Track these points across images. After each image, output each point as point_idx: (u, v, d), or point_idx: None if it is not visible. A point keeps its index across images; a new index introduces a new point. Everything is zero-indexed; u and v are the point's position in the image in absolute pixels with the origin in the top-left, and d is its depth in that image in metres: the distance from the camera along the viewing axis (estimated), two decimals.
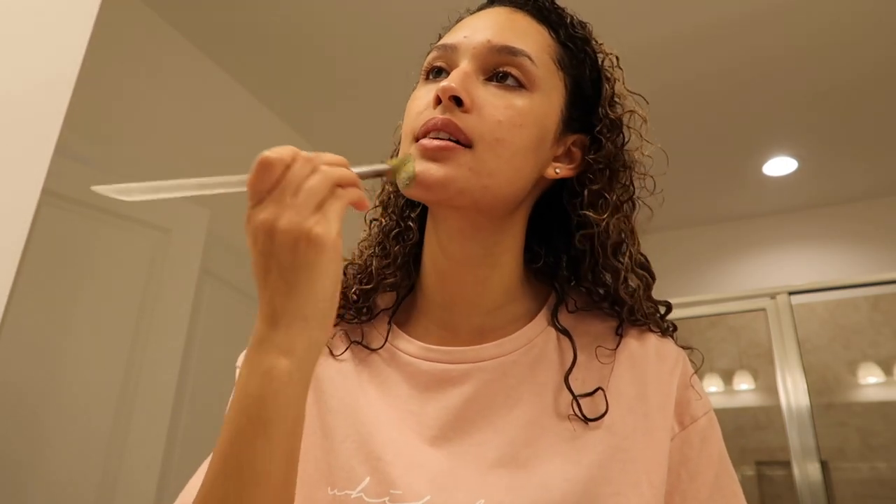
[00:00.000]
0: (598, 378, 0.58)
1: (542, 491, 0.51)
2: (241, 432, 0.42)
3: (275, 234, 0.41)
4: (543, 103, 0.57)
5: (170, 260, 2.05)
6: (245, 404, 0.43)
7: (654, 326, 0.62)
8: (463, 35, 0.58)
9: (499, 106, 0.55)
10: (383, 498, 0.52)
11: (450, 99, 0.54)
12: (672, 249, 3.63)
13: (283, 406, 0.42)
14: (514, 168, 0.55)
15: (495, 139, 0.54)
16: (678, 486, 0.55)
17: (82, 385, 1.81)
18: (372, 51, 2.46)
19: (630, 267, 0.60)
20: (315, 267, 0.42)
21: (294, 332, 0.42)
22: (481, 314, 0.61)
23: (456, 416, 0.56)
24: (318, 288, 0.43)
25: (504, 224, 0.60)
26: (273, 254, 0.42)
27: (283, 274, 0.42)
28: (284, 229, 0.41)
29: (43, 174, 1.24)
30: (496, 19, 0.59)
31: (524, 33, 0.58)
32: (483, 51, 0.57)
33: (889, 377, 3.46)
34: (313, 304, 0.43)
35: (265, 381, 0.42)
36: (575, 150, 0.61)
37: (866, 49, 2.40)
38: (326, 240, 0.42)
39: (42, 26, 1.30)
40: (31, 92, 1.26)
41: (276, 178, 0.42)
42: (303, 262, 0.42)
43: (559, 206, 0.63)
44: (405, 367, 0.60)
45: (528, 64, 0.56)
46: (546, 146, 0.58)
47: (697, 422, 0.58)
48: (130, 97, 2.22)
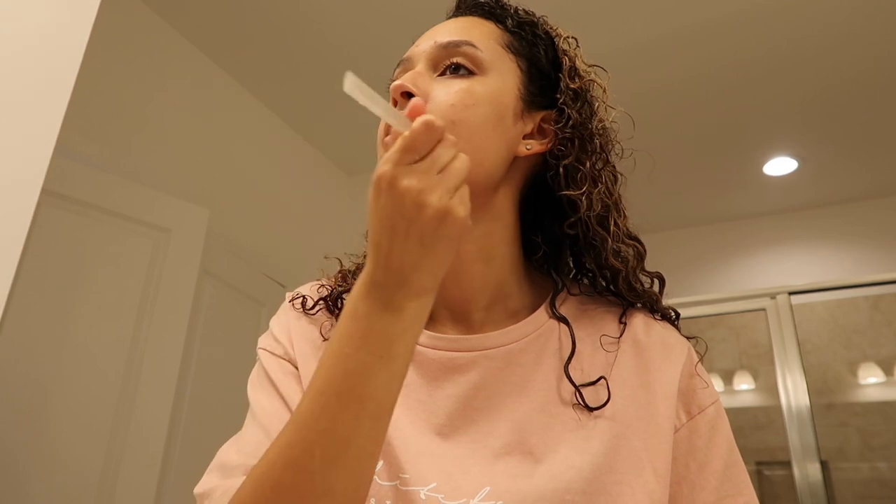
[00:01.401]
0: (602, 367, 0.58)
1: (547, 479, 0.52)
2: (369, 366, 0.44)
3: (425, 205, 0.43)
4: (496, 82, 0.59)
5: (170, 260, 2.05)
6: (372, 340, 0.44)
7: (652, 304, 0.63)
8: (416, 46, 0.63)
9: (449, 91, 0.57)
10: (394, 482, 0.53)
11: (402, 95, 0.57)
12: (672, 249, 3.63)
13: (410, 343, 0.45)
14: (476, 147, 0.56)
15: (451, 121, 0.55)
16: (687, 475, 0.56)
17: (82, 384, 1.81)
18: (372, 51, 2.46)
19: (619, 237, 0.61)
20: (452, 242, 0.44)
21: (423, 283, 0.45)
22: (480, 310, 0.62)
23: (463, 404, 0.57)
24: (447, 260, 0.45)
25: (486, 213, 0.59)
26: (416, 221, 0.43)
27: (423, 241, 0.44)
28: (435, 204, 0.43)
29: (42, 174, 1.24)
30: (444, 27, 0.63)
31: (467, 29, 0.62)
32: (432, 52, 0.60)
33: (889, 377, 3.46)
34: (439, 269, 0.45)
35: (398, 319, 0.44)
36: (546, 126, 0.63)
37: (867, 49, 2.40)
38: (467, 220, 0.44)
39: (42, 26, 1.30)
40: (31, 92, 1.26)
41: (431, 145, 0.44)
42: (443, 235, 0.44)
43: (548, 193, 0.64)
44: (414, 356, 0.61)
45: (473, 51, 0.59)
46: (508, 123, 0.59)
47: (705, 411, 0.58)
48: (130, 97, 2.22)
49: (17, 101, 1.24)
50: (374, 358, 0.44)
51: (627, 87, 2.84)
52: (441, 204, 0.43)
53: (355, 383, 0.44)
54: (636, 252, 0.62)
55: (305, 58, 2.55)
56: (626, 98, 0.66)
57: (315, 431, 0.44)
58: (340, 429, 0.43)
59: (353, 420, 0.43)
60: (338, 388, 0.44)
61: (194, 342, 2.17)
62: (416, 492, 0.52)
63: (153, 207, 2.06)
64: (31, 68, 1.27)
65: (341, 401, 0.44)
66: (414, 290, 0.45)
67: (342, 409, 0.43)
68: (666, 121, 2.85)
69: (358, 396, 0.43)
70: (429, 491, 0.52)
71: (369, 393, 0.43)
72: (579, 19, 2.26)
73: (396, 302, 0.44)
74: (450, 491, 0.52)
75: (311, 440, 0.44)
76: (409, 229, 0.43)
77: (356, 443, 0.44)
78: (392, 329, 0.44)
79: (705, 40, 2.38)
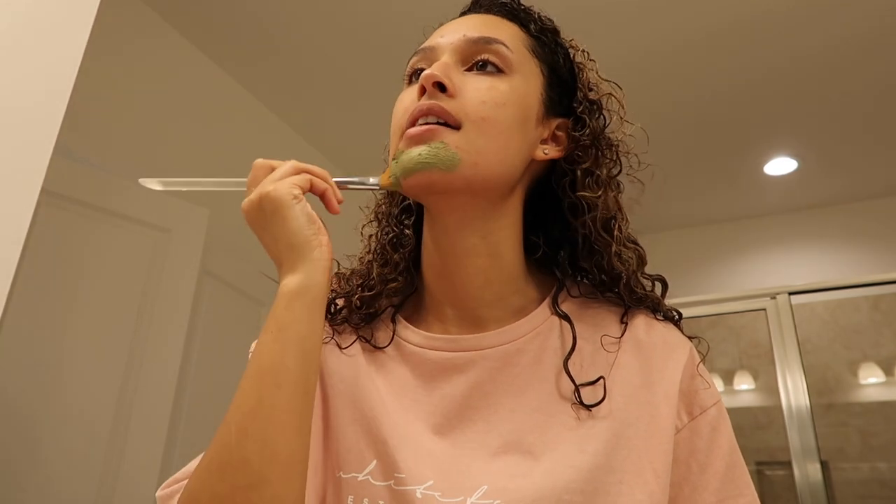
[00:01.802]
0: (603, 366, 0.58)
1: (546, 477, 0.51)
2: (262, 342, 0.51)
3: (245, 206, 0.55)
4: (522, 85, 0.60)
5: (170, 260, 2.05)
6: (267, 322, 0.52)
7: (654, 306, 0.63)
8: (440, 36, 0.62)
9: (481, 88, 0.58)
10: (389, 481, 0.53)
11: (433, 85, 0.57)
12: (672, 249, 3.63)
13: (295, 312, 0.51)
14: (502, 146, 0.57)
15: (481, 118, 0.56)
16: (688, 476, 0.56)
17: (82, 385, 1.81)
18: (373, 51, 2.46)
19: (622, 241, 0.62)
20: (279, 210, 0.53)
21: (290, 257, 0.53)
22: (484, 306, 0.62)
23: (460, 403, 0.57)
24: (290, 222, 0.53)
25: (498, 211, 0.60)
26: (253, 219, 0.55)
27: (266, 229, 0.55)
28: (251, 199, 0.55)
29: (42, 174, 1.24)
30: (469, 21, 0.63)
31: (496, 27, 0.62)
32: (460, 45, 0.60)
33: (889, 377, 3.45)
34: (292, 234, 0.53)
35: (278, 298, 0.52)
36: (560, 133, 0.64)
37: (867, 49, 2.40)
38: (278, 191, 0.53)
39: (42, 26, 1.30)
40: (30, 92, 1.26)
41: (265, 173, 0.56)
42: (269, 210, 0.54)
43: (550, 194, 0.65)
44: (411, 356, 0.61)
45: (504, 50, 0.60)
46: (530, 126, 0.61)
47: (707, 412, 0.58)
48: (130, 97, 2.22)
49: (16, 101, 1.24)
50: (265, 335, 0.51)
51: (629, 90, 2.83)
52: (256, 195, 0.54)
53: (253, 360, 0.51)
54: (638, 256, 0.63)
55: (306, 58, 2.55)
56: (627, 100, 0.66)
57: (231, 410, 0.49)
58: (245, 402, 0.49)
59: (254, 392, 0.49)
60: (246, 369, 0.51)
61: (194, 342, 2.17)
62: (413, 491, 0.52)
63: (153, 207, 2.06)
64: (31, 68, 1.27)
65: (246, 378, 0.50)
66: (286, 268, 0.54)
67: (246, 384, 0.50)
68: (666, 121, 2.85)
69: (255, 370, 0.50)
70: (425, 489, 0.52)
71: (265, 365, 0.50)
72: (580, 21, 2.26)
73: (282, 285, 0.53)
74: (446, 489, 0.52)
75: (228, 418, 0.49)
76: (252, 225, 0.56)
77: (261, 413, 0.48)
78: (276, 305, 0.52)
79: (706, 42, 2.38)
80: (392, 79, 0.71)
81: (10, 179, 1.19)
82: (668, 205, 3.49)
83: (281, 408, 0.48)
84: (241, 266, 2.51)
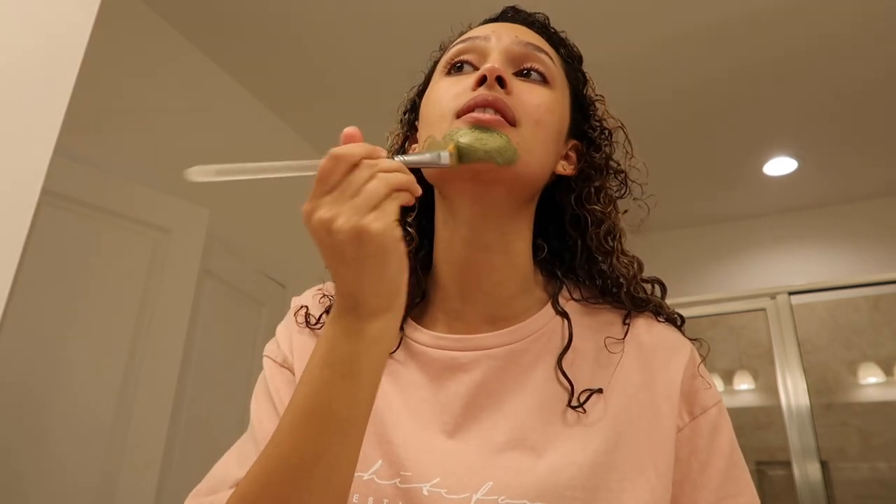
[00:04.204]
0: (607, 366, 0.59)
1: (549, 474, 0.52)
2: (331, 385, 0.46)
3: (334, 231, 0.44)
4: (560, 99, 0.63)
5: (170, 260, 2.05)
6: (333, 362, 0.46)
7: (657, 310, 0.64)
8: (490, 30, 0.64)
9: (533, 91, 0.60)
10: (394, 479, 0.54)
11: (496, 79, 0.57)
12: (672, 249, 3.63)
13: (372, 361, 0.47)
14: (547, 151, 0.60)
15: (535, 120, 0.58)
16: (689, 475, 0.56)
17: (82, 385, 1.81)
18: (372, 51, 2.46)
19: (621, 250, 0.65)
20: (378, 256, 0.45)
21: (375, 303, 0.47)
22: (496, 303, 0.62)
23: (466, 401, 0.58)
24: (387, 270, 0.46)
25: (521, 211, 0.62)
26: (335, 248, 0.45)
27: (349, 265, 0.46)
28: (341, 228, 0.44)
29: (43, 174, 1.24)
30: (515, 27, 0.65)
31: (539, 40, 0.64)
32: (512, 47, 0.62)
33: (889, 377, 3.46)
34: (385, 282, 0.47)
35: (355, 341, 0.46)
36: (572, 154, 0.67)
37: (867, 50, 2.40)
38: (385, 233, 0.45)
39: (42, 26, 1.30)
40: (31, 92, 1.26)
41: (342, 173, 0.45)
42: (366, 254, 0.45)
43: (551, 205, 0.68)
44: (418, 356, 0.62)
45: (549, 61, 0.62)
46: (562, 140, 0.64)
47: (707, 412, 0.59)
48: (130, 97, 2.22)
49: (17, 101, 1.24)
50: (336, 377, 0.46)
51: (629, 89, 2.85)
52: (349, 226, 0.44)
53: (320, 402, 0.46)
54: (637, 263, 0.65)
55: (306, 58, 2.55)
56: (627, 99, 0.66)
57: (287, 449, 0.46)
58: (309, 446, 0.46)
59: (320, 437, 0.46)
60: (305, 407, 0.47)
61: (194, 342, 2.17)
62: (419, 488, 0.53)
63: (153, 207, 2.06)
64: (32, 68, 1.27)
65: (309, 419, 0.46)
66: (367, 312, 0.46)
67: (309, 427, 0.46)
68: (666, 121, 2.85)
69: (323, 415, 0.46)
70: (431, 487, 0.53)
71: (334, 411, 0.46)
72: (581, 22, 2.26)
73: (354, 324, 0.46)
74: (452, 486, 0.53)
75: (283, 457, 0.46)
76: (336, 256, 0.46)
77: (325, 460, 0.46)
78: (352, 350, 0.46)
79: (706, 43, 2.38)
80: (394, 78, 0.72)
81: (10, 179, 1.19)
82: (668, 205, 3.49)
83: (345, 457, 0.47)
84: (241, 266, 2.51)
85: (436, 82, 0.63)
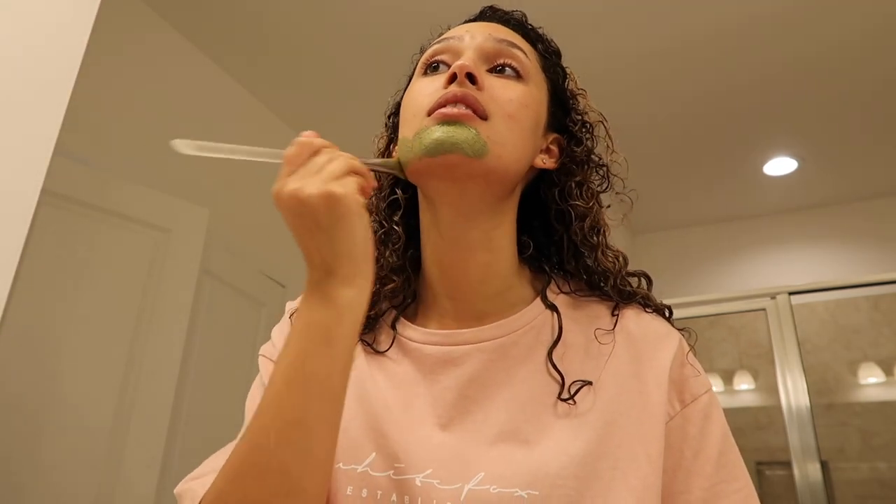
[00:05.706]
0: (597, 357, 0.60)
1: (540, 465, 0.53)
2: (308, 352, 0.49)
3: (305, 197, 0.48)
4: (536, 94, 0.64)
5: (170, 260, 2.05)
6: (310, 330, 0.49)
7: (644, 301, 0.65)
8: (465, 32, 0.65)
9: (506, 87, 0.61)
10: (388, 472, 0.55)
11: (465, 75, 0.58)
12: (672, 249, 3.63)
13: (346, 327, 0.49)
14: (521, 145, 0.60)
15: (507, 114, 0.59)
16: (682, 462, 0.57)
17: (82, 385, 1.81)
18: (372, 51, 2.46)
19: (605, 243, 0.66)
20: (347, 217, 0.49)
21: (348, 269, 0.50)
22: (483, 300, 0.63)
23: (458, 395, 0.59)
24: (356, 232, 0.50)
25: (500, 207, 0.63)
26: (308, 214, 0.49)
27: (323, 230, 0.49)
28: (311, 193, 0.48)
29: (42, 174, 1.24)
30: (490, 25, 0.66)
31: (515, 36, 0.66)
32: (485, 45, 0.63)
33: (889, 377, 3.46)
34: (355, 245, 0.50)
35: (330, 307, 0.49)
36: (553, 147, 0.68)
37: (867, 50, 2.40)
38: (350, 196, 0.49)
39: (42, 26, 1.30)
40: (30, 92, 1.26)
41: (307, 155, 0.51)
42: (337, 215, 0.49)
43: (536, 200, 0.69)
44: (411, 353, 0.63)
45: (523, 57, 0.63)
46: (538, 133, 0.64)
47: (698, 399, 0.59)
48: (130, 97, 2.22)
49: (17, 101, 1.24)
50: (313, 345, 0.49)
51: (629, 89, 2.85)
52: (319, 190, 0.48)
53: (298, 368, 0.49)
54: (622, 257, 0.66)
55: (305, 57, 2.55)
56: (628, 99, 0.67)
57: (269, 415, 0.48)
58: (289, 412, 0.48)
59: (300, 402, 0.48)
60: (286, 374, 0.49)
61: (194, 342, 2.17)
62: (412, 479, 0.54)
63: (153, 207, 2.06)
64: (32, 68, 1.28)
65: (289, 386, 0.48)
66: (339, 280, 0.50)
67: (290, 393, 0.48)
68: (666, 121, 2.85)
69: (303, 380, 0.48)
70: (424, 478, 0.54)
71: (312, 375, 0.48)
72: (581, 22, 2.26)
73: (328, 292, 0.50)
74: (444, 477, 0.54)
75: (266, 423, 0.48)
76: (308, 224, 0.49)
77: (305, 423, 0.48)
78: (326, 316, 0.49)
79: (706, 43, 2.38)
80: (391, 78, 0.72)
81: (10, 179, 1.19)
82: (667, 205, 3.49)
83: (325, 420, 0.49)
84: (241, 266, 2.51)
85: (413, 83, 0.65)
